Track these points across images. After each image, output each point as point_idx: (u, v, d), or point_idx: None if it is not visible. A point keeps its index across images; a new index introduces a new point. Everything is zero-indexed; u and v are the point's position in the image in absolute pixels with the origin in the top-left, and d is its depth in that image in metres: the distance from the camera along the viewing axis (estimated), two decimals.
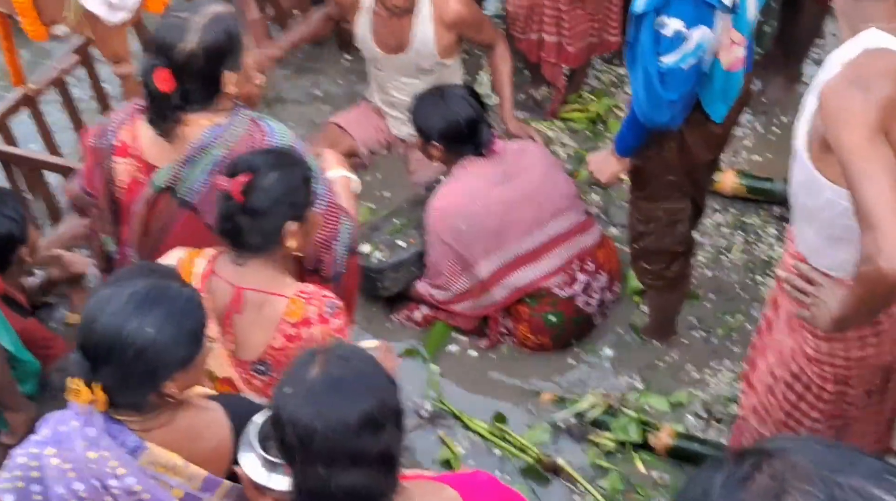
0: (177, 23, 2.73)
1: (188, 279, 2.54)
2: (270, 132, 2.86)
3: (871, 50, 2.37)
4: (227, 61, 2.75)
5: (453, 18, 4.32)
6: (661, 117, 3.13)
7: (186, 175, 2.83)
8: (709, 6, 2.94)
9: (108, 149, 2.93)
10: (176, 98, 2.74)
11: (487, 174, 3.96)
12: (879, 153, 2.28)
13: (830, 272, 2.64)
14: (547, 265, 3.96)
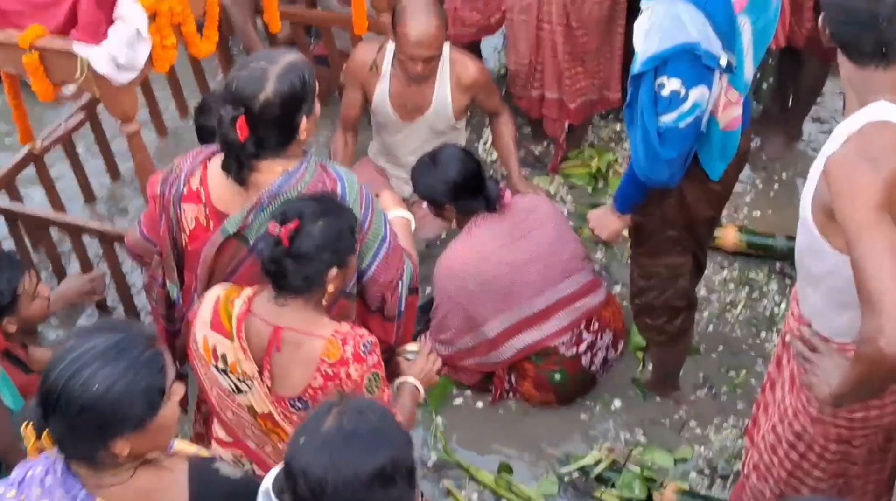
0: (253, 73, 2.78)
1: (225, 319, 2.71)
2: (339, 178, 2.92)
3: (877, 122, 2.39)
4: (302, 108, 2.81)
5: (471, 82, 4.38)
6: (660, 175, 3.16)
7: (258, 221, 2.87)
8: (707, 67, 2.98)
9: (176, 196, 2.97)
10: (251, 145, 2.80)
11: (497, 232, 3.96)
12: (884, 232, 2.30)
13: (834, 338, 2.65)
14: (555, 325, 3.97)
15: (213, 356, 2.78)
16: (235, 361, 2.75)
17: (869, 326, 2.28)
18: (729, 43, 2.97)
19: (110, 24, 3.41)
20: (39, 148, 4.56)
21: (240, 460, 2.95)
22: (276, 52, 2.90)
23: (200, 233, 2.96)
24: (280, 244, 2.67)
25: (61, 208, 4.78)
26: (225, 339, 2.76)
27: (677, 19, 2.91)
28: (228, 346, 2.76)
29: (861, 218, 2.30)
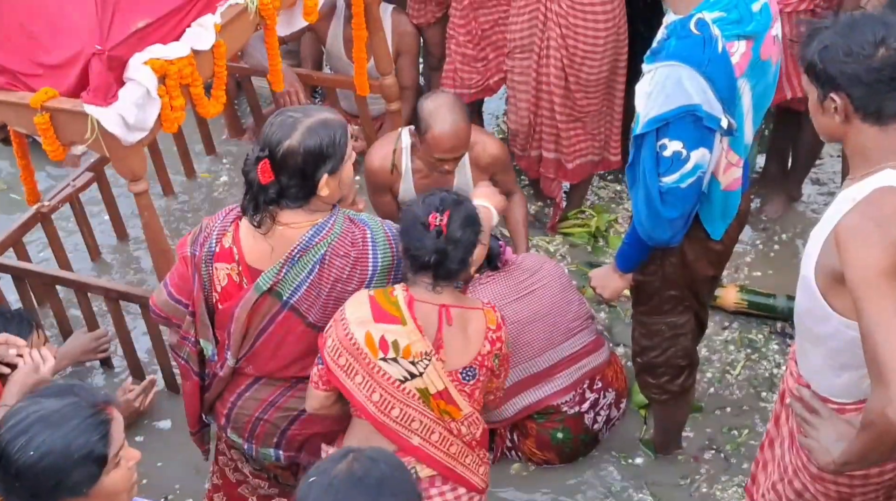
0: (287, 121, 2.90)
1: (392, 309, 2.95)
2: (367, 226, 3.02)
3: (885, 188, 2.40)
4: (326, 165, 2.89)
5: (490, 161, 4.30)
6: (662, 235, 3.20)
7: (290, 276, 2.96)
8: (708, 129, 3.02)
9: (209, 256, 3.05)
10: (273, 191, 2.90)
11: (501, 290, 3.96)
12: (893, 300, 2.31)
13: (833, 398, 2.66)
14: (557, 385, 3.97)
15: (382, 347, 2.95)
16: (409, 344, 2.95)
17: (877, 396, 2.30)
18: (730, 106, 3.02)
19: (121, 85, 3.46)
20: (47, 207, 4.61)
21: None
22: (317, 108, 3.04)
23: (233, 291, 3.04)
24: (441, 234, 2.94)
25: (68, 266, 4.82)
26: (395, 326, 2.95)
27: (679, 82, 2.96)
28: (401, 331, 2.95)
29: (870, 285, 2.32)
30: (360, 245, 3.00)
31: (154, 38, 3.54)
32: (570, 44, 4.51)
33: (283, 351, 3.10)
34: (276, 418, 3.20)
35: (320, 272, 2.97)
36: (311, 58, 5.61)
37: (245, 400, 3.21)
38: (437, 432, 3.06)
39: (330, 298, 3.01)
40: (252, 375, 3.17)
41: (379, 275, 3.04)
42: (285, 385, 3.17)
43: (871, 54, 2.39)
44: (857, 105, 2.43)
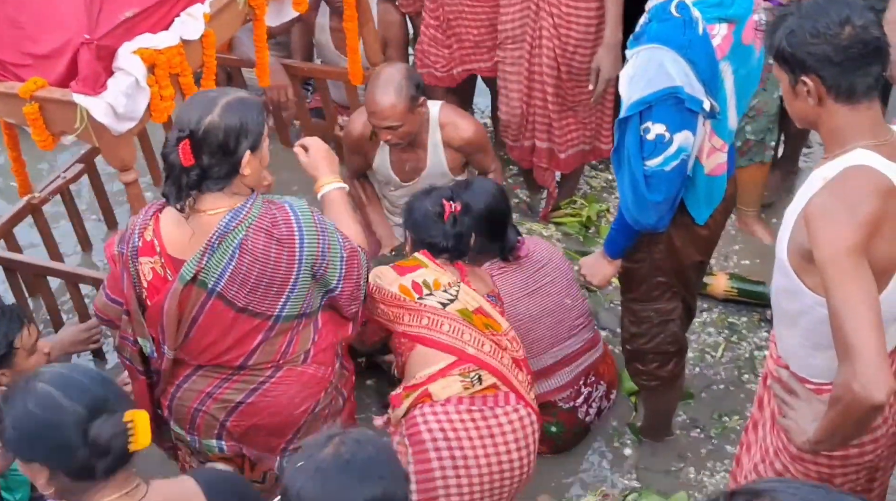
0: (203, 99, 2.90)
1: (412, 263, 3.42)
2: (290, 208, 2.99)
3: (855, 167, 2.44)
4: (247, 139, 2.88)
5: (462, 142, 4.39)
6: (648, 219, 3.21)
7: (212, 263, 2.94)
8: (690, 111, 3.04)
9: (133, 252, 3.04)
10: (195, 173, 2.87)
11: (512, 284, 3.92)
12: (860, 277, 2.35)
13: (810, 378, 2.69)
14: (556, 382, 3.97)
15: (416, 289, 3.36)
16: (436, 278, 3.38)
17: (844, 371, 2.33)
18: (712, 89, 3.04)
19: (110, 75, 3.47)
20: (38, 199, 4.62)
21: None
22: (233, 89, 3.02)
23: (159, 284, 3.03)
24: (456, 221, 3.43)
25: (59, 257, 4.83)
26: (419, 269, 3.39)
27: (661, 65, 2.98)
28: (425, 272, 3.39)
29: (838, 262, 2.35)
30: (283, 226, 2.96)
31: (143, 28, 3.54)
32: (563, 33, 4.52)
33: (216, 338, 3.07)
34: (213, 409, 3.19)
35: (241, 257, 2.93)
36: (302, 49, 5.60)
37: (183, 391, 3.20)
38: (487, 344, 3.34)
39: (260, 282, 2.98)
40: (191, 365, 3.16)
41: (307, 259, 2.99)
42: (222, 375, 3.15)
43: (837, 33, 2.43)
44: (828, 85, 2.47)
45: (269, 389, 3.16)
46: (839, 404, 2.39)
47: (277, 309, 3.03)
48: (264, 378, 3.14)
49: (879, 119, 2.54)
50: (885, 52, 2.49)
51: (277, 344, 3.10)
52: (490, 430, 3.31)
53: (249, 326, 3.04)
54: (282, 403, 3.17)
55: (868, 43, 2.44)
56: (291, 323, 3.08)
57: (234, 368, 3.12)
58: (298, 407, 3.19)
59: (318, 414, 3.23)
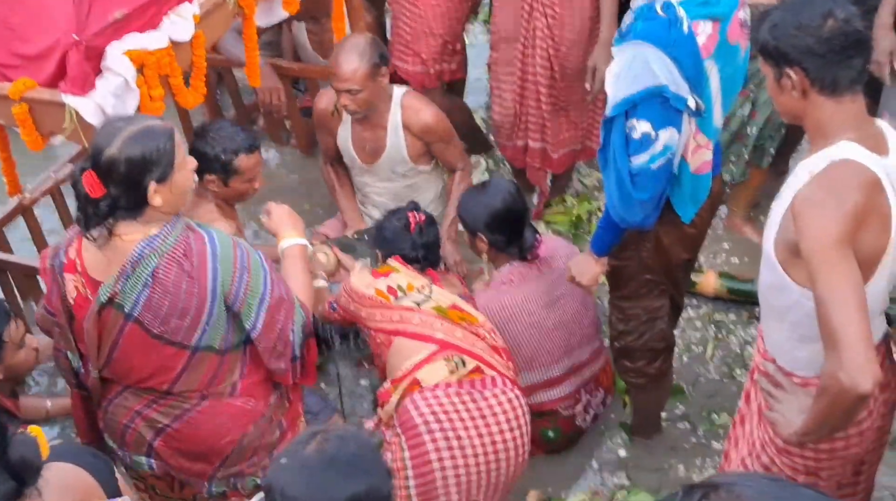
0: (109, 129, 2.86)
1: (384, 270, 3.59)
2: (208, 236, 2.95)
3: (840, 160, 2.47)
4: (151, 173, 2.83)
5: (422, 127, 4.47)
6: (634, 216, 3.23)
7: (127, 288, 2.90)
8: (675, 109, 3.05)
9: (59, 267, 3.02)
10: (104, 204, 2.84)
11: (533, 293, 3.91)
12: (846, 268, 2.37)
13: (796, 372, 2.71)
14: (562, 391, 3.98)
15: (391, 292, 3.51)
16: (409, 281, 3.54)
17: (830, 360, 2.35)
18: (697, 87, 3.06)
19: (98, 75, 3.47)
20: (28, 199, 4.62)
21: None
22: (142, 117, 2.97)
23: (81, 303, 3.01)
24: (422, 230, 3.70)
25: None
26: (392, 274, 3.56)
27: (646, 63, 2.99)
28: (398, 276, 3.55)
29: (824, 253, 2.37)
30: (196, 257, 2.91)
31: (132, 28, 3.53)
32: (556, 33, 4.54)
33: (136, 362, 3.04)
34: (141, 427, 3.17)
35: (154, 285, 2.89)
36: (292, 49, 5.62)
37: (114, 406, 3.19)
38: (458, 330, 3.46)
39: (172, 312, 2.93)
40: (121, 384, 3.15)
41: (220, 294, 2.94)
42: (150, 397, 3.12)
43: (820, 25, 2.46)
44: (812, 77, 2.50)
45: (194, 417, 3.12)
46: (826, 394, 2.41)
47: (194, 340, 2.97)
48: (190, 406, 3.11)
49: (863, 112, 2.57)
50: (868, 45, 2.53)
51: (200, 373, 3.05)
52: (481, 412, 3.34)
53: (168, 353, 2.99)
54: (206, 433, 3.14)
55: (850, 35, 2.47)
56: (212, 354, 3.03)
57: (162, 392, 3.09)
58: (223, 438, 3.15)
59: (245, 446, 3.19)
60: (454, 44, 5.05)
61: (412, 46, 4.98)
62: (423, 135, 4.49)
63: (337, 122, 4.60)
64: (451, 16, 4.95)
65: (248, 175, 3.95)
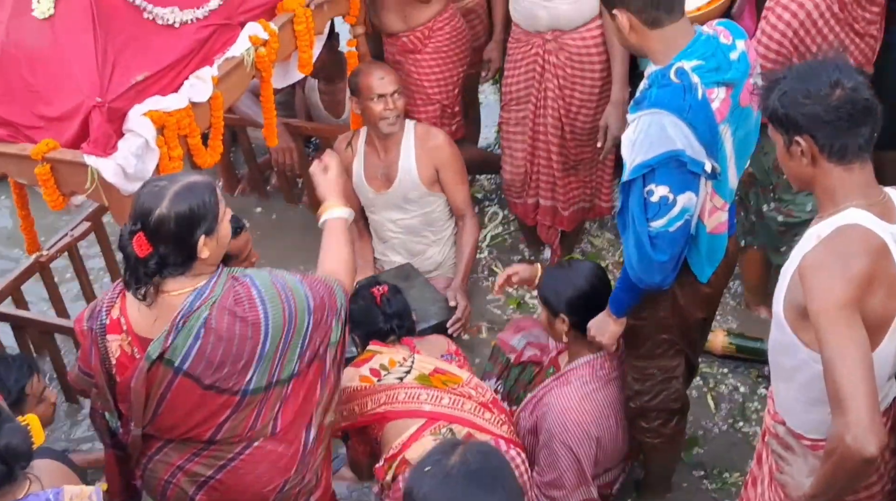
0: (153, 190, 2.89)
1: (368, 354, 3.70)
2: (252, 283, 2.99)
3: (847, 225, 2.51)
4: (200, 227, 2.88)
5: (435, 145, 4.73)
6: (653, 278, 3.25)
7: (177, 342, 2.93)
8: (693, 173, 3.09)
9: (100, 329, 3.04)
10: (153, 262, 2.87)
11: (610, 395, 3.79)
12: (853, 332, 2.40)
13: (806, 434, 2.73)
14: (612, 476, 3.96)
15: (374, 374, 3.61)
16: (390, 358, 3.64)
17: (836, 423, 2.37)
18: (712, 151, 3.10)
19: (120, 136, 3.53)
20: (46, 256, 4.66)
21: None
22: (184, 174, 3.00)
23: (127, 362, 3.02)
24: (389, 299, 3.78)
25: (65, 314, 4.87)
26: (374, 357, 3.66)
27: (662, 129, 3.03)
28: (380, 357, 3.65)
29: (831, 316, 2.41)
30: (246, 303, 2.95)
31: (153, 91, 3.60)
32: (567, 94, 4.62)
33: (184, 415, 3.05)
34: (183, 482, 3.17)
35: (206, 336, 2.92)
36: (304, 108, 5.70)
37: (154, 462, 3.19)
38: (446, 397, 3.50)
39: (226, 360, 2.96)
40: (161, 439, 3.15)
41: (273, 332, 2.98)
42: (192, 449, 3.13)
43: (828, 94, 2.51)
44: (821, 145, 2.54)
45: (238, 466, 3.13)
46: (832, 457, 2.42)
47: (244, 383, 3.00)
48: (233, 454, 3.11)
49: (872, 179, 2.61)
50: (875, 114, 2.57)
51: (245, 416, 3.06)
52: None
53: (218, 402, 3.01)
54: (251, 480, 3.14)
55: (858, 103, 2.52)
56: (259, 395, 3.04)
57: (204, 442, 3.10)
58: (267, 486, 3.16)
59: (287, 493, 3.19)
60: (452, 107, 5.15)
61: (413, 114, 5.07)
62: (435, 154, 4.71)
63: (351, 158, 4.82)
64: (446, 81, 5.08)
65: (242, 256, 3.95)
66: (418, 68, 5.03)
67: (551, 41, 4.56)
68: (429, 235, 4.94)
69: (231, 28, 3.91)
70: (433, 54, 5.00)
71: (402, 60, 5.03)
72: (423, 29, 4.94)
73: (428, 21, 4.93)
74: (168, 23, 3.72)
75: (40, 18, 3.60)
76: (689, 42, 3.13)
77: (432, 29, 4.95)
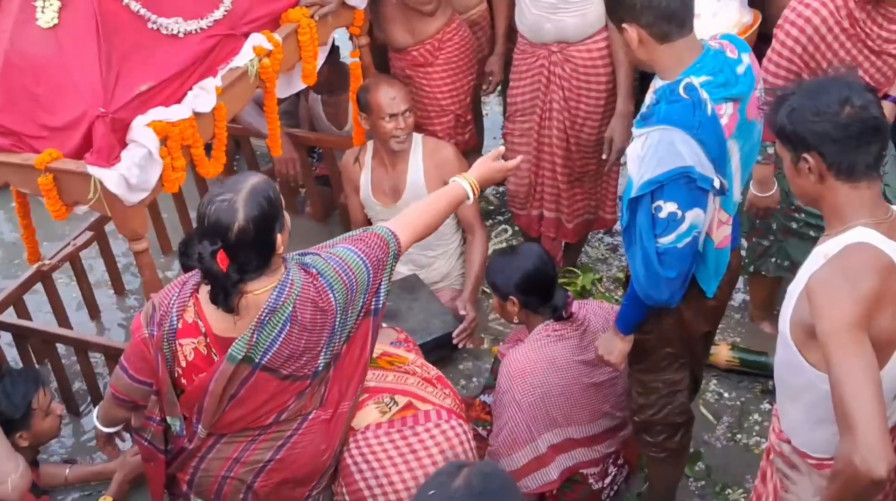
0: (221, 205, 2.89)
1: None
2: (319, 273, 3.05)
3: (856, 244, 2.50)
4: (276, 226, 2.93)
5: (442, 157, 4.76)
6: (661, 295, 3.23)
7: (260, 339, 2.97)
8: (702, 190, 3.08)
9: (170, 333, 3.04)
10: (234, 273, 2.90)
11: (573, 345, 3.89)
12: (862, 353, 2.39)
13: (812, 453, 2.72)
14: (597, 452, 3.95)
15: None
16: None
17: (844, 443, 2.36)
18: (721, 167, 3.09)
19: (123, 147, 3.52)
20: (48, 266, 4.66)
21: None
22: (237, 178, 3.00)
23: (202, 364, 3.04)
24: None
25: (67, 324, 4.86)
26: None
27: (672, 145, 3.01)
28: None
29: (839, 336, 2.39)
30: (323, 292, 3.02)
31: (157, 101, 3.61)
32: (573, 106, 4.61)
33: (252, 409, 3.10)
34: (241, 473, 3.20)
35: (290, 329, 2.98)
36: (308, 119, 5.70)
37: (208, 461, 3.21)
38: (390, 375, 3.50)
39: (307, 350, 3.04)
40: (214, 435, 3.17)
41: (340, 314, 3.06)
42: (248, 438, 3.17)
43: (837, 112, 2.50)
44: (829, 162, 2.53)
45: (297, 441, 3.18)
46: (840, 477, 2.40)
47: (316, 366, 3.08)
48: (291, 431, 3.17)
49: (880, 197, 2.60)
50: (885, 132, 2.56)
51: (309, 395, 3.13)
52: (411, 447, 3.39)
53: (290, 389, 3.08)
54: (309, 453, 3.21)
55: (867, 121, 2.51)
56: (324, 373, 3.13)
57: (263, 427, 3.14)
58: (324, 454, 3.23)
59: (338, 457, 3.28)
60: (465, 116, 5.17)
61: (427, 126, 5.08)
62: (444, 168, 4.69)
63: (359, 173, 4.86)
64: (459, 91, 5.10)
65: None
66: (430, 81, 5.04)
67: (557, 53, 4.56)
68: (436, 248, 4.94)
69: (235, 39, 3.91)
70: (444, 66, 5.00)
71: (413, 74, 5.04)
72: (432, 41, 4.95)
73: (436, 33, 4.94)
74: (172, 33, 3.72)
75: (44, 28, 3.60)
76: (698, 57, 3.12)
77: (441, 41, 4.95)
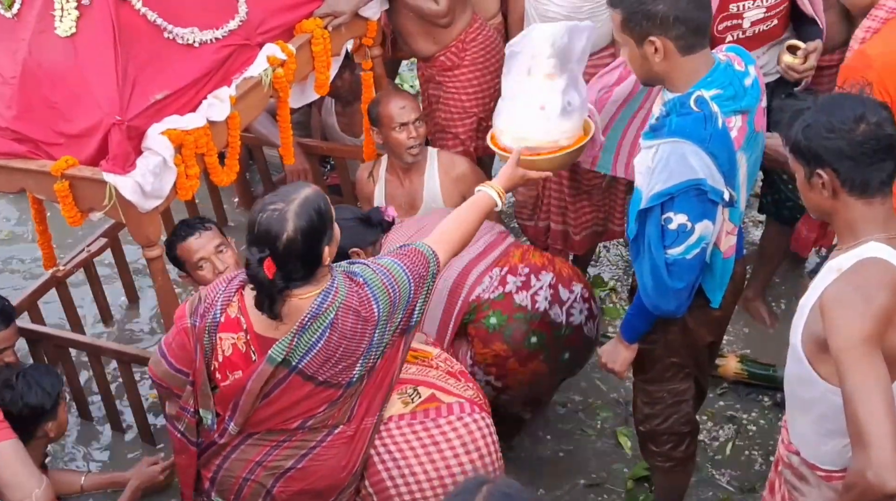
0: (272, 215, 2.93)
1: None
2: (366, 284, 3.08)
3: (869, 259, 2.51)
4: (324, 239, 2.98)
5: (459, 173, 4.72)
6: (668, 305, 3.25)
7: (300, 343, 3.01)
8: (712, 202, 3.10)
9: (213, 326, 3.09)
10: (279, 280, 2.94)
11: (407, 230, 4.07)
12: (874, 367, 2.40)
13: (822, 466, 2.73)
14: (471, 279, 4.02)
15: None
16: None
17: (857, 458, 2.37)
18: (730, 179, 3.11)
19: (139, 154, 3.56)
20: (62, 272, 4.70)
21: None
22: (291, 188, 3.04)
23: (239, 361, 3.07)
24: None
25: (81, 330, 4.90)
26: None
27: (683, 158, 3.04)
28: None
29: (852, 351, 2.41)
30: (366, 303, 3.06)
31: (172, 110, 3.65)
32: None
33: (281, 410, 3.12)
34: (262, 477, 3.22)
35: (330, 335, 3.02)
36: (320, 128, 5.74)
37: (231, 461, 3.23)
38: (413, 368, 3.46)
39: (344, 357, 3.06)
40: (240, 435, 3.20)
41: (381, 325, 3.09)
42: (273, 442, 3.18)
43: (852, 128, 2.51)
44: (843, 179, 2.54)
45: (320, 453, 3.20)
46: (852, 491, 2.42)
47: (351, 376, 3.09)
48: (315, 442, 3.18)
49: (892, 213, 2.61)
50: None
51: (340, 405, 3.15)
52: (433, 439, 3.39)
53: (323, 396, 3.10)
54: (330, 466, 3.22)
55: (881, 139, 2.52)
56: (358, 385, 3.14)
57: (290, 431, 3.16)
58: (343, 470, 3.24)
59: (357, 474, 3.28)
60: (487, 120, 5.14)
61: (449, 129, 5.10)
62: (461, 183, 4.69)
63: (372, 188, 4.83)
64: (484, 93, 5.07)
65: (194, 260, 4.04)
66: (456, 82, 5.04)
67: None
68: None
69: (249, 48, 3.96)
70: (470, 66, 5.01)
71: (443, 80, 5.05)
72: (456, 43, 4.97)
73: (459, 35, 4.96)
74: (188, 42, 3.76)
75: (63, 36, 3.64)
76: (710, 70, 3.14)
77: (465, 41, 4.97)
